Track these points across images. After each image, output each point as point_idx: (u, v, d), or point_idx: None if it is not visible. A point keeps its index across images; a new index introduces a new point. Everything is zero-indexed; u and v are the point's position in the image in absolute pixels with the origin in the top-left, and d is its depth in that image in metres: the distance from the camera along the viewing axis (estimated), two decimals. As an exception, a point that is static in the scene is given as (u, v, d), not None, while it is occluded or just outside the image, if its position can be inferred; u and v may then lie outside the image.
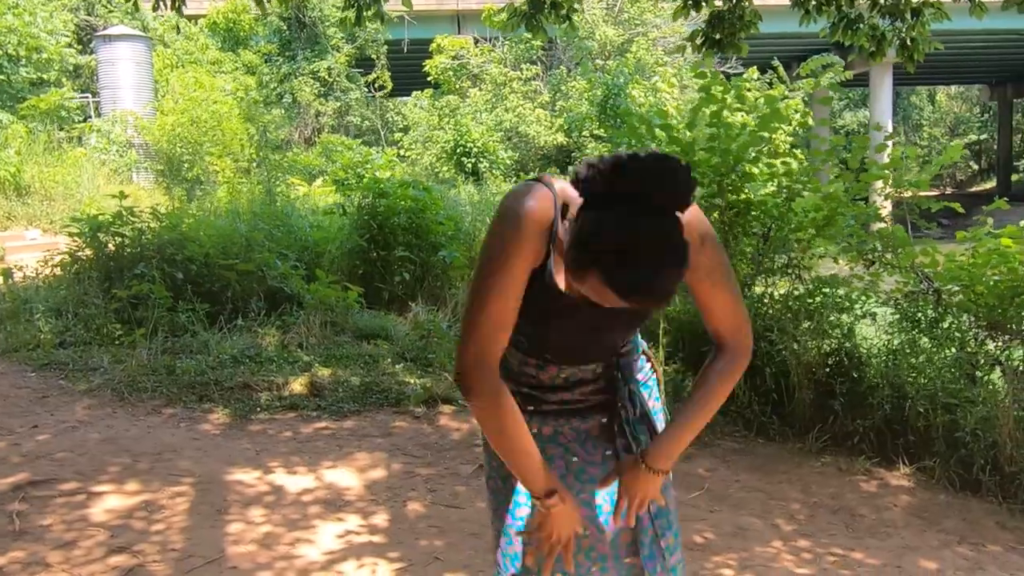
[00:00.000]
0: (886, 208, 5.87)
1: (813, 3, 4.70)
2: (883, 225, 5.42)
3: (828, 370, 4.46)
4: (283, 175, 12.76)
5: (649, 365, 1.72)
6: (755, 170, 5.25)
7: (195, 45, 18.72)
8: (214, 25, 19.31)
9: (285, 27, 19.83)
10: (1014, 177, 34.35)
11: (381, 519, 3.30)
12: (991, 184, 35.14)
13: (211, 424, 4.38)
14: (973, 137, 39.08)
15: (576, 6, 4.91)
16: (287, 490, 3.54)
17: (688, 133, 5.53)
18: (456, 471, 3.83)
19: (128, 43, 15.99)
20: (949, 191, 35.92)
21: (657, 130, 5.70)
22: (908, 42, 4.85)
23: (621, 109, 10.78)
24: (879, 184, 5.35)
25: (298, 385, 4.96)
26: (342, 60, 20.19)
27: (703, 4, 4.75)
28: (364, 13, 4.83)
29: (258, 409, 4.61)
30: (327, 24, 20.00)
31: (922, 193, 5.68)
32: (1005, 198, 5.94)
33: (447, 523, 3.25)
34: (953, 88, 40.23)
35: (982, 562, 3.10)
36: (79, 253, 6.53)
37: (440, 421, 4.53)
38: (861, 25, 4.72)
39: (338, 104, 20.53)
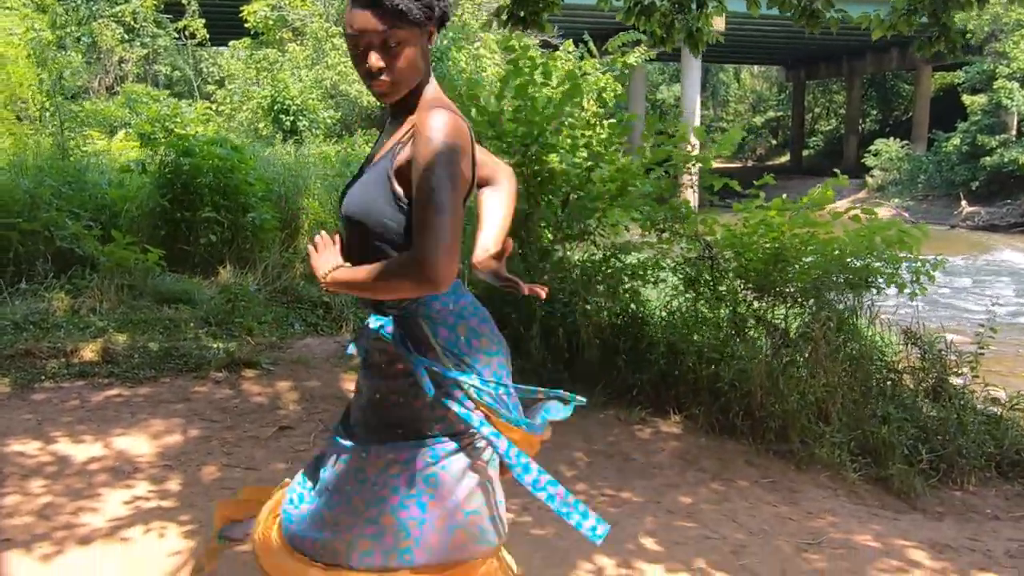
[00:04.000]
0: (690, 181, 6.33)
1: (609, -14, 4.99)
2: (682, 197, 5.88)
3: (614, 330, 4.84)
4: (80, 127, 11.80)
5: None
6: (557, 141, 5.53)
7: (-30, -25, 16.73)
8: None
9: (82, -37, 18.13)
10: (805, 152, 37.70)
11: (173, 484, 3.28)
12: (786, 158, 38.40)
13: (-13, 394, 4.11)
14: (772, 114, 42.42)
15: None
16: (72, 460, 3.43)
17: (497, 103, 5.72)
18: (256, 434, 3.85)
19: None
20: (751, 164, 38.93)
21: (467, 101, 5.86)
22: (694, 31, 5.26)
23: (437, 75, 10.79)
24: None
25: (89, 352, 4.73)
26: (149, 3, 18.76)
27: (510, -20, 4.90)
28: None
29: (43, 378, 4.37)
30: (132, -37, 18.49)
31: (718, 165, 6.19)
32: (776, 174, 6.57)
33: (241, 485, 3.28)
34: (756, 68, 43.37)
35: (729, 495, 3.54)
36: None
37: (242, 386, 4.50)
38: (654, 12, 5.07)
39: (145, 51, 19.11)
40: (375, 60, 1.56)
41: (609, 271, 5.31)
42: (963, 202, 23.84)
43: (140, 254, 6.05)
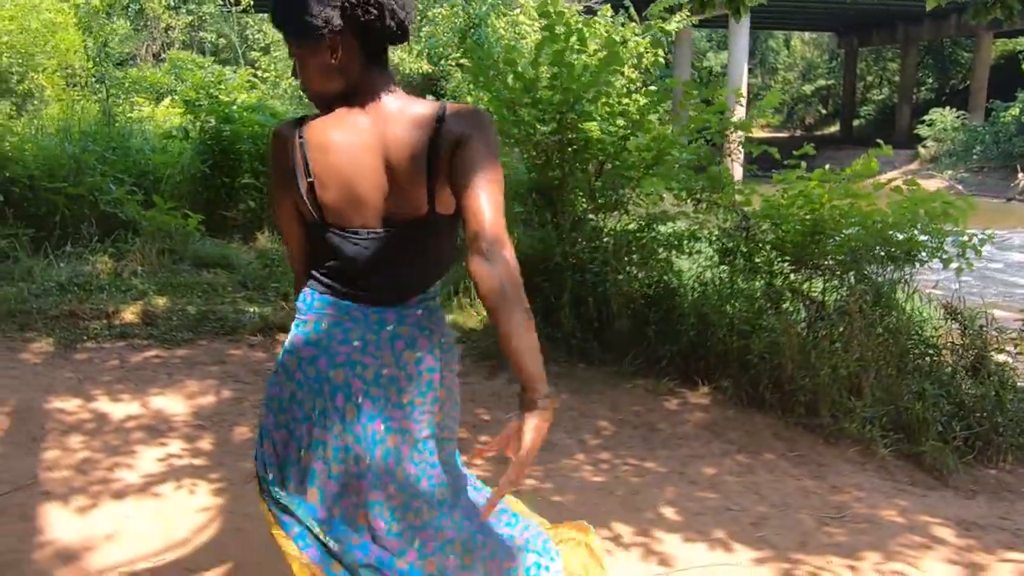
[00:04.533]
0: (729, 150, 6.20)
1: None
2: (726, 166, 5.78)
3: (645, 300, 4.82)
4: (126, 94, 12.02)
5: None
6: (594, 109, 5.46)
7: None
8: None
9: (129, -70, 18.32)
10: (856, 122, 36.69)
11: (206, 443, 3.37)
12: (836, 128, 37.42)
13: (31, 353, 4.26)
14: (822, 83, 41.29)
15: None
16: (111, 417, 3.54)
17: (532, 70, 5.66)
18: (287, 396, 3.93)
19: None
20: (799, 133, 38.04)
21: (503, 66, 5.81)
22: (737, -6, 5.15)
23: (469, 43, 10.73)
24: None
25: (130, 314, 4.86)
26: (194, -30, 18.96)
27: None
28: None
29: (85, 338, 4.51)
30: (177, -71, 18.66)
31: (765, 135, 6.06)
32: (826, 144, 6.39)
33: (271, 445, 3.36)
34: (807, 34, 42.17)
35: (754, 468, 3.52)
36: None
37: (276, 349, 4.59)
38: (691, -27, 4.96)
39: (190, 18, 19.33)
40: (292, 73, 1.64)
41: (643, 241, 5.27)
42: (1020, 174, 23.02)
43: (181, 219, 6.17)
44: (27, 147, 6.60)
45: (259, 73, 18.41)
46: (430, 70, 17.29)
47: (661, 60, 9.39)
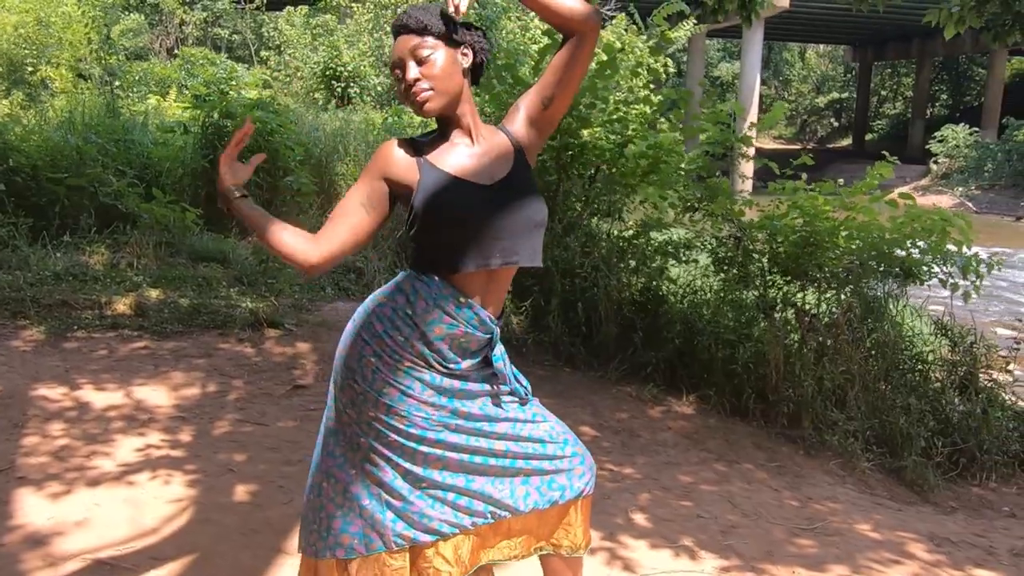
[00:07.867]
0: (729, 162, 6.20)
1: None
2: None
3: (634, 307, 4.82)
4: (137, 87, 12.11)
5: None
6: (591, 115, 5.48)
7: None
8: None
9: (146, -75, 18.47)
10: (868, 136, 36.57)
11: (185, 435, 3.39)
12: (849, 141, 37.32)
13: (22, 341, 4.29)
14: (835, 96, 41.19)
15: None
16: (93, 406, 3.57)
17: (533, 76, 5.68)
18: (270, 391, 3.95)
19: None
20: (811, 146, 37.93)
21: (504, 72, 5.83)
22: (747, 1, 5.17)
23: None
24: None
25: (122, 305, 4.89)
26: (210, -33, 19.07)
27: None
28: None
29: (76, 328, 4.54)
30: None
31: (776, 146, 6.03)
32: (838, 157, 6.37)
33: (249, 439, 3.39)
34: (822, 47, 42.08)
35: (730, 477, 3.52)
36: None
37: (264, 344, 4.61)
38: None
39: (204, 14, 19.44)
40: (412, 71, 1.65)
41: (634, 248, 5.27)
42: (1031, 193, 22.88)
43: (179, 212, 6.21)
44: (32, 137, 6.66)
45: (270, 72, 18.48)
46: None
47: (660, 69, 9.38)
